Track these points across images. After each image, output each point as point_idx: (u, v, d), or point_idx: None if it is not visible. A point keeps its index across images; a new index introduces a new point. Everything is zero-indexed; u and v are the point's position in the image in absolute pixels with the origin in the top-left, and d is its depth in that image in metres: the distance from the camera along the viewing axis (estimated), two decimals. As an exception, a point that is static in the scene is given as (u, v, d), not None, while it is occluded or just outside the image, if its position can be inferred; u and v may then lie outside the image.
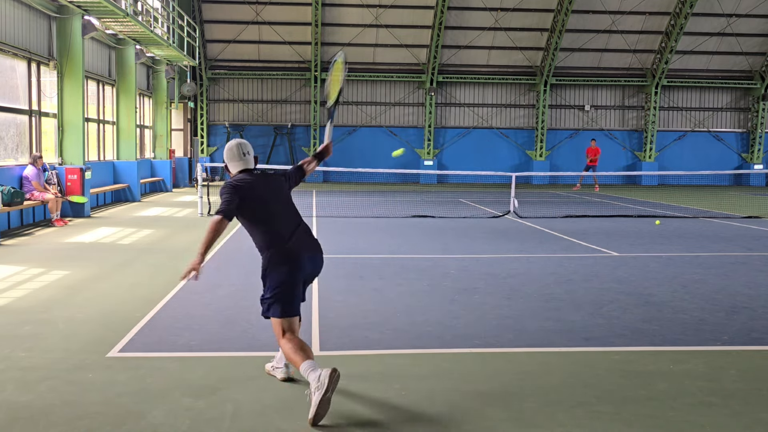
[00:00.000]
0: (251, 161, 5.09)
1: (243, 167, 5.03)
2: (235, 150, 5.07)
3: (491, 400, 4.63)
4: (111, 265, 9.56)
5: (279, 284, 4.67)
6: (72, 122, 16.03)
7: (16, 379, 4.94)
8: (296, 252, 4.75)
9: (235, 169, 5.05)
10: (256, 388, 4.79)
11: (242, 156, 5.05)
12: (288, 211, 4.96)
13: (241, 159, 5.04)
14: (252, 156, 5.12)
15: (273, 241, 4.80)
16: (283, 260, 4.72)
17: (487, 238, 12.57)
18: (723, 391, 4.82)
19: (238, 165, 5.04)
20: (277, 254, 4.74)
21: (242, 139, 5.18)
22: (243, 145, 5.10)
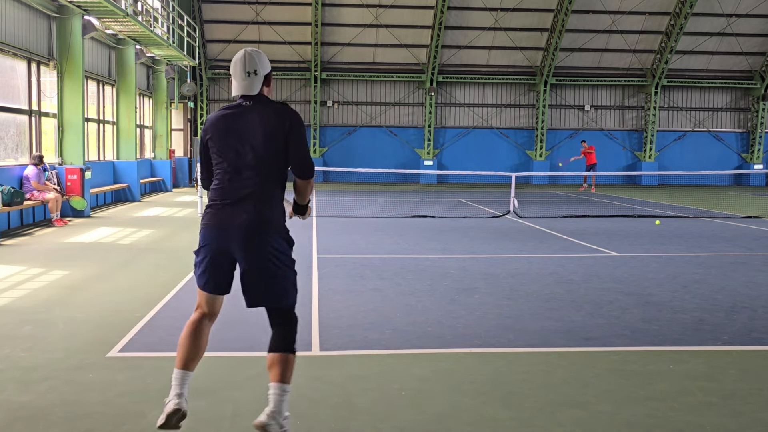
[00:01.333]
0: (256, 85, 3.86)
1: (243, 91, 3.87)
2: (239, 65, 3.87)
3: (491, 400, 4.62)
4: (111, 265, 9.56)
5: (201, 251, 3.89)
6: (72, 122, 16.03)
7: (16, 379, 4.94)
8: (217, 222, 3.81)
9: (235, 91, 3.93)
10: (256, 388, 4.78)
11: (245, 75, 3.85)
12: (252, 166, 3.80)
13: (244, 79, 3.86)
14: (261, 77, 3.88)
15: (210, 198, 3.91)
16: (211, 225, 3.84)
17: (487, 238, 12.57)
18: (723, 391, 4.82)
19: (237, 87, 3.89)
20: (205, 217, 3.89)
21: (255, 50, 3.92)
22: (251, 59, 3.87)
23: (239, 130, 3.83)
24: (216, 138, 3.87)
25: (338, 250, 10.98)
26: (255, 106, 3.86)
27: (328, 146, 32.68)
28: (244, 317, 6.69)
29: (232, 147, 3.82)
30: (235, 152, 3.82)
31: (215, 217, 3.83)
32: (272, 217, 3.84)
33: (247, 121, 3.83)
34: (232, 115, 3.86)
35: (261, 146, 3.80)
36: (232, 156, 3.82)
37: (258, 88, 3.87)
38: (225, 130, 3.85)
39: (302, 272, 9.00)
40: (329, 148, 32.66)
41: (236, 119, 3.85)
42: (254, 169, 3.80)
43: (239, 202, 3.79)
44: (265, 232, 3.79)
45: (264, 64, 3.90)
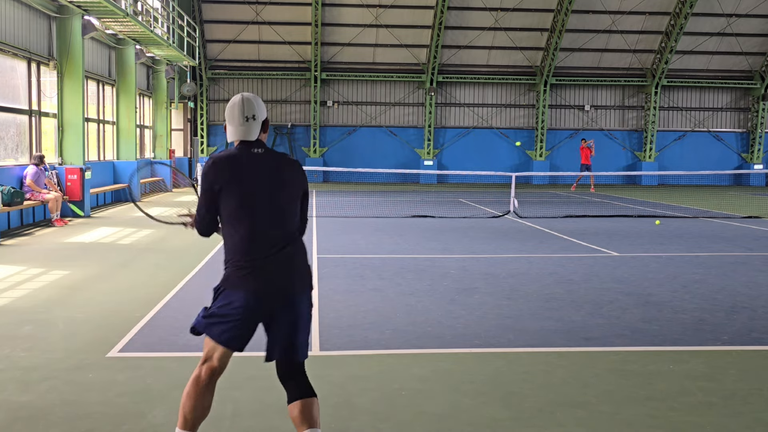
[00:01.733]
0: (255, 130, 3.59)
1: (242, 137, 3.58)
2: (237, 110, 3.59)
3: (491, 400, 4.62)
4: (111, 265, 9.55)
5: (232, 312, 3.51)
6: (72, 122, 16.03)
7: (16, 379, 4.94)
8: (261, 286, 3.46)
9: (232, 136, 3.64)
10: (256, 388, 4.78)
11: (243, 120, 3.57)
12: (279, 218, 3.53)
13: (242, 124, 3.58)
14: (259, 123, 3.60)
15: (237, 254, 3.49)
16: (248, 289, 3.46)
17: (487, 238, 12.57)
18: (723, 391, 4.82)
19: (235, 132, 3.60)
20: (236, 276, 3.48)
21: (252, 95, 3.65)
22: (249, 104, 3.59)
23: (259, 180, 3.51)
24: (229, 188, 3.49)
25: (338, 250, 10.98)
26: (266, 153, 3.58)
27: (328, 146, 32.68)
28: (244, 317, 6.69)
29: (255, 199, 3.48)
30: (260, 205, 3.49)
31: (251, 279, 3.46)
32: (309, 270, 3.64)
33: (265, 170, 3.53)
34: (245, 162, 3.53)
35: (286, 196, 3.55)
36: (258, 208, 3.48)
37: (257, 134, 3.60)
38: (240, 179, 3.49)
39: (302, 272, 9.01)
40: (329, 148, 32.66)
41: (251, 167, 3.52)
42: (284, 222, 3.54)
43: (277, 260, 3.49)
44: (306, 290, 3.59)
45: (261, 109, 3.64)
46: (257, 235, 3.47)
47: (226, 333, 3.54)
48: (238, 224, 3.48)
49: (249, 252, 3.46)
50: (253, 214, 3.47)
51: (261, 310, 3.50)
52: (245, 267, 3.46)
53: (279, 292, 3.49)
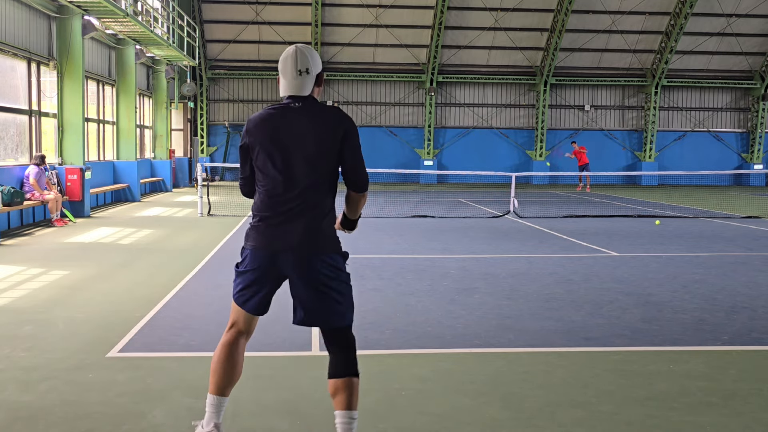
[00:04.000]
0: (308, 85, 3.51)
1: (293, 92, 3.52)
2: (290, 62, 3.50)
3: (491, 400, 4.62)
4: (111, 265, 9.55)
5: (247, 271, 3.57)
6: (72, 122, 16.03)
7: (16, 379, 4.94)
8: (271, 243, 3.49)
9: (284, 91, 3.56)
10: (256, 388, 4.78)
11: (297, 74, 3.49)
12: (302, 178, 3.46)
13: (295, 78, 3.50)
14: (313, 77, 3.53)
15: (256, 211, 3.55)
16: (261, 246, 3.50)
17: (487, 238, 12.57)
18: (723, 391, 4.82)
19: (287, 86, 3.53)
20: (252, 234, 3.54)
21: (307, 47, 3.56)
22: (302, 57, 3.49)
23: (289, 136, 3.46)
24: (261, 143, 3.49)
25: (338, 250, 10.96)
26: (306, 108, 3.51)
27: (328, 146, 32.66)
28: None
29: (281, 154, 3.46)
30: (285, 161, 3.46)
31: (265, 236, 3.49)
32: (328, 234, 3.57)
33: (298, 126, 3.47)
34: (281, 117, 3.49)
35: (314, 155, 3.46)
36: (281, 165, 3.46)
37: (309, 89, 3.52)
38: (272, 134, 3.48)
39: (302, 272, 9.01)
40: (329, 148, 32.64)
41: (285, 123, 3.48)
42: (307, 180, 3.47)
43: (292, 218, 3.46)
44: (322, 251, 3.49)
45: (316, 63, 3.54)
46: (278, 195, 3.47)
47: (243, 296, 3.59)
48: (262, 182, 3.52)
49: (265, 210, 3.50)
50: (279, 172, 3.46)
51: (270, 270, 3.51)
52: (259, 225, 3.51)
53: (289, 251, 3.46)
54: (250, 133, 3.53)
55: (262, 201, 3.53)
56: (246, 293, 3.59)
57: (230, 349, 3.65)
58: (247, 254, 3.55)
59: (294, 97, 3.53)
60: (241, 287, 3.60)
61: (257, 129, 3.50)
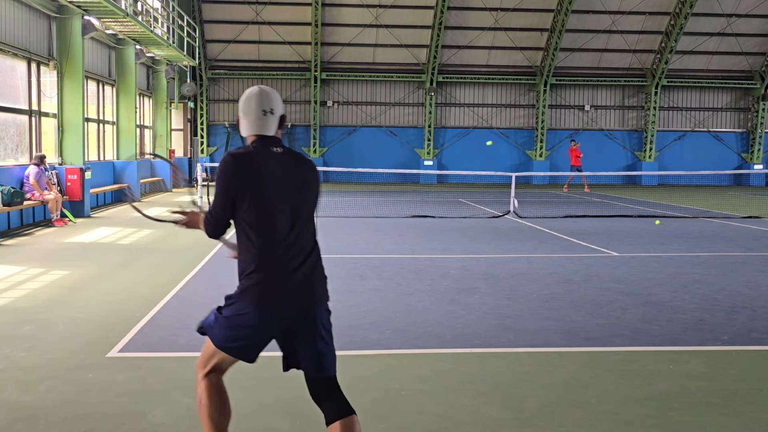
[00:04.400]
0: (272, 125, 3.34)
1: (258, 131, 3.33)
2: (254, 102, 3.33)
3: (491, 400, 4.62)
4: (111, 265, 9.55)
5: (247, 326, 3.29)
6: (72, 122, 16.03)
7: (16, 379, 4.94)
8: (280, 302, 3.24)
9: (247, 131, 3.36)
10: (256, 388, 4.78)
11: (261, 114, 3.32)
12: (300, 226, 3.27)
13: (260, 118, 3.32)
14: (277, 117, 3.36)
15: (255, 265, 3.24)
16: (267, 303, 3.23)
17: (487, 238, 12.57)
18: (723, 391, 4.82)
19: (250, 126, 3.34)
20: (254, 290, 3.23)
21: (270, 88, 3.41)
22: (266, 97, 3.33)
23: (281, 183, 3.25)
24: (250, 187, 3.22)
25: (338, 250, 10.98)
26: (287, 153, 3.34)
27: (328, 146, 32.67)
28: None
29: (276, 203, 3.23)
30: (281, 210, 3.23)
31: (270, 295, 3.23)
32: (326, 281, 3.44)
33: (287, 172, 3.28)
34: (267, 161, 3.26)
35: (307, 202, 3.32)
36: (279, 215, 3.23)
37: (275, 129, 3.36)
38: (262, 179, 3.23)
39: (302, 272, 9.01)
40: (329, 148, 32.66)
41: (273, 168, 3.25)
42: (304, 228, 3.30)
43: (297, 275, 3.25)
44: (325, 300, 3.40)
45: (279, 104, 3.39)
46: (278, 246, 3.21)
47: (240, 350, 3.35)
48: (257, 232, 3.22)
49: (269, 265, 3.22)
50: (275, 222, 3.21)
51: (278, 325, 3.31)
52: (264, 281, 3.23)
53: (299, 308, 3.27)
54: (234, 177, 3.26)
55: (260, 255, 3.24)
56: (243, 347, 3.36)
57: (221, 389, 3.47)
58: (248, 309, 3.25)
59: (263, 139, 3.33)
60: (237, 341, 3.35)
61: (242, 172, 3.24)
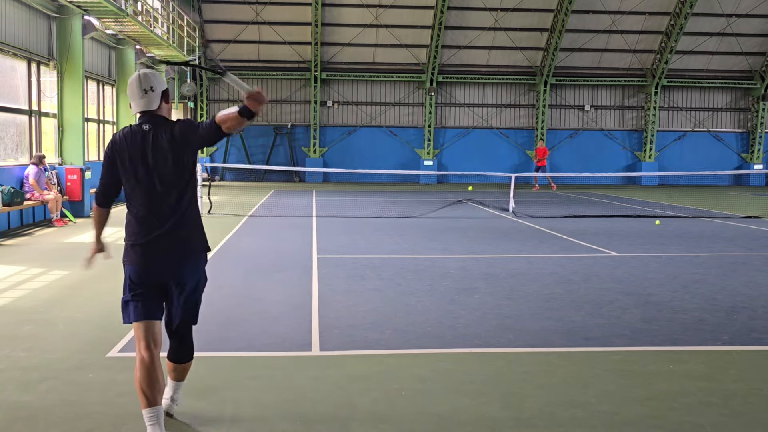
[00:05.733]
0: (155, 100, 3.88)
1: (143, 107, 3.90)
2: (135, 84, 3.88)
3: (491, 400, 4.63)
4: (111, 265, 9.52)
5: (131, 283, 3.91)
6: (72, 122, 16.03)
7: (16, 379, 4.94)
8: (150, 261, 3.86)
9: (134, 108, 3.94)
10: (256, 388, 4.79)
11: (142, 93, 3.87)
12: (166, 193, 3.86)
13: (141, 97, 3.88)
14: (158, 94, 3.90)
15: (130, 228, 3.91)
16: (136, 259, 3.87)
17: (487, 238, 12.57)
18: (723, 391, 4.82)
19: (135, 104, 3.91)
20: (131, 249, 3.88)
21: (150, 70, 3.98)
22: (146, 77, 3.89)
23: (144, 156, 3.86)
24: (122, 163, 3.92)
25: (338, 250, 10.98)
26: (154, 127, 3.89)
27: (328, 146, 32.67)
28: (244, 317, 6.69)
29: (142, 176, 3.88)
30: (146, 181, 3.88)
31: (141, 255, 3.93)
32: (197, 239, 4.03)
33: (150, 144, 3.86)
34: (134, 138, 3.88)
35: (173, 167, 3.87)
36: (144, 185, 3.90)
37: (157, 104, 3.90)
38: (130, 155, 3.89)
39: (302, 272, 9.01)
40: (329, 148, 32.66)
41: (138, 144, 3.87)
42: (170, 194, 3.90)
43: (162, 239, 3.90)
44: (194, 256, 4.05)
45: (160, 82, 3.93)
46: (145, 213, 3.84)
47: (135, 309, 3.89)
48: (130, 201, 3.89)
49: (139, 229, 3.85)
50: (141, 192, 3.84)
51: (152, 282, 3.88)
52: (136, 244, 3.85)
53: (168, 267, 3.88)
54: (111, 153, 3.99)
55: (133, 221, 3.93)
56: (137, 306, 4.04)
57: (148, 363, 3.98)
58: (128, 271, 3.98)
59: (142, 117, 3.90)
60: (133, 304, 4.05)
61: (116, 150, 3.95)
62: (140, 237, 3.84)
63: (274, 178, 32.44)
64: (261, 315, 6.73)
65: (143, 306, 3.87)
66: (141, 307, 3.87)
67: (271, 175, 32.29)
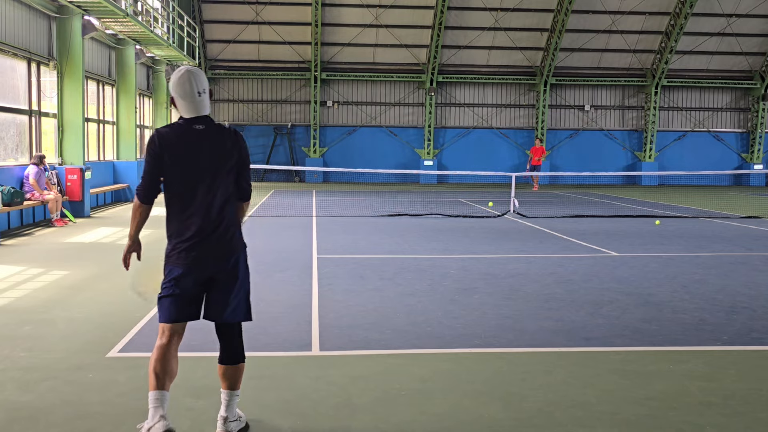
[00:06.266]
0: (205, 105, 3.77)
1: (196, 111, 3.77)
2: (187, 83, 3.72)
3: (491, 400, 4.62)
4: (111, 265, 9.55)
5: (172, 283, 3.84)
6: (72, 122, 16.03)
7: (16, 379, 4.94)
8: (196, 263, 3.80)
9: (186, 111, 3.77)
10: (256, 388, 4.79)
11: (197, 95, 3.74)
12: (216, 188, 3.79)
13: (195, 99, 3.74)
14: (207, 96, 3.80)
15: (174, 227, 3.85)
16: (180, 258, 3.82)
17: (487, 238, 12.57)
18: (723, 391, 4.82)
19: (188, 107, 3.75)
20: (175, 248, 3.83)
21: (197, 68, 3.84)
22: (199, 77, 3.75)
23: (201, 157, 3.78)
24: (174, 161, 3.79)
25: (338, 250, 10.98)
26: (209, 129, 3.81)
27: (328, 146, 32.67)
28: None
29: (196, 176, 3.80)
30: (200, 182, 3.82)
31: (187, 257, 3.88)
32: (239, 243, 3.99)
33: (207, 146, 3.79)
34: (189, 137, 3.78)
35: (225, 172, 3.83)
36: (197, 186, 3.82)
37: (208, 108, 3.84)
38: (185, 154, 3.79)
39: (302, 272, 9.01)
40: (329, 148, 32.65)
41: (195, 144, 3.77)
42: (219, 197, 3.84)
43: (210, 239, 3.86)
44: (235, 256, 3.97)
45: (207, 82, 3.87)
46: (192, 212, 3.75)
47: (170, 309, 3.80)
48: (175, 199, 3.79)
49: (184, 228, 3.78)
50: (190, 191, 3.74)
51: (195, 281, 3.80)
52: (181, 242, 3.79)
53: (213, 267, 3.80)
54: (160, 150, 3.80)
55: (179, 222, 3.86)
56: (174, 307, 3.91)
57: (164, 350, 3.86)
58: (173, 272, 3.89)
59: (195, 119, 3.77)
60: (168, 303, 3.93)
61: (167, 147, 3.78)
62: (186, 236, 3.78)
63: (274, 178, 32.45)
64: (261, 315, 6.73)
65: (179, 307, 3.81)
66: (177, 308, 3.80)
67: (271, 175, 32.29)
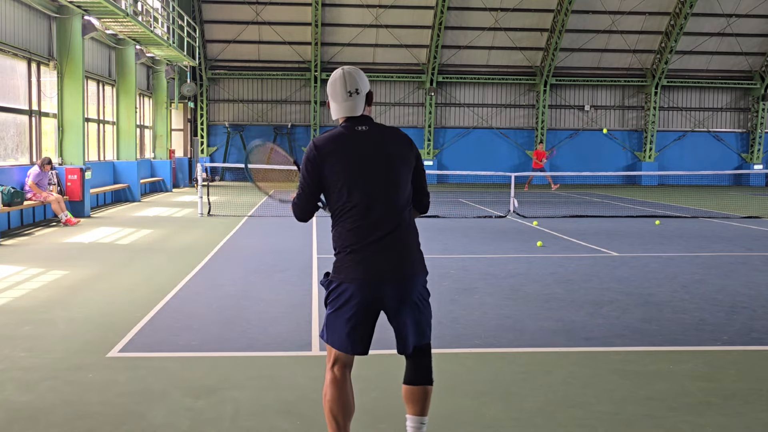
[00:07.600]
0: (360, 105, 3.42)
1: (346, 113, 3.42)
2: (339, 85, 3.42)
3: (491, 400, 4.62)
4: (111, 265, 9.55)
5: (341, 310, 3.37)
6: (72, 122, 16.03)
7: (16, 379, 4.94)
8: (375, 272, 3.33)
9: (336, 113, 3.46)
10: (256, 388, 4.78)
11: (347, 96, 3.40)
12: (388, 199, 3.37)
13: (346, 100, 3.41)
14: (363, 96, 3.43)
15: (347, 240, 3.37)
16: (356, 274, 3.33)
17: (487, 238, 12.57)
18: (723, 391, 4.82)
19: (338, 108, 3.44)
20: (350, 263, 3.35)
21: (353, 68, 3.48)
22: (351, 78, 3.41)
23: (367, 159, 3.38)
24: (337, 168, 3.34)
25: (338, 250, 10.96)
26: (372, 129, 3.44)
27: (328, 146, 32.65)
28: (244, 317, 6.68)
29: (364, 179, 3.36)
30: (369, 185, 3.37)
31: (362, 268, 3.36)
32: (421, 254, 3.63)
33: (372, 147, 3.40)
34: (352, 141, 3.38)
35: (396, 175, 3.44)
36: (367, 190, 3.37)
37: (362, 109, 3.44)
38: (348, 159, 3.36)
39: (302, 272, 9.01)
40: (329, 148, 32.63)
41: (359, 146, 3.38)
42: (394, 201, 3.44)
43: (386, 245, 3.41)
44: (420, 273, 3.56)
45: (365, 83, 3.46)
46: (367, 220, 3.33)
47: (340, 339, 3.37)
48: (346, 210, 3.35)
49: (360, 238, 3.33)
50: (363, 198, 3.32)
51: (375, 299, 3.35)
52: (356, 253, 3.33)
53: (392, 279, 3.35)
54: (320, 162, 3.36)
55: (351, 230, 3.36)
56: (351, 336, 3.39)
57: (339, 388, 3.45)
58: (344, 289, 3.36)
59: (350, 120, 3.43)
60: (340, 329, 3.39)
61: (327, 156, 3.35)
62: (363, 248, 3.33)
63: (274, 178, 32.40)
64: (261, 315, 6.73)
65: (361, 338, 3.38)
66: (358, 338, 3.37)
67: (271, 175, 32.24)
